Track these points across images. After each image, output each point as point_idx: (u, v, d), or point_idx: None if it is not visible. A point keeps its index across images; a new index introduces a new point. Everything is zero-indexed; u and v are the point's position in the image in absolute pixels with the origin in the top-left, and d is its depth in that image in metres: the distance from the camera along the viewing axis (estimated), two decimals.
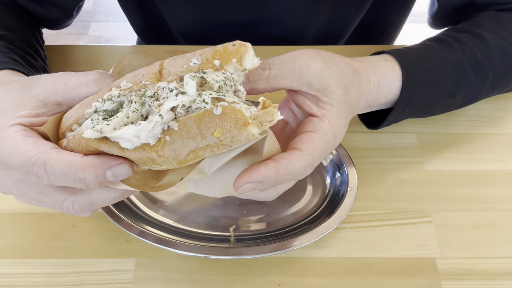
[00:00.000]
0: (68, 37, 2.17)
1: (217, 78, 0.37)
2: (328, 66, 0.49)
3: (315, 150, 0.45)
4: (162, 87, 0.38)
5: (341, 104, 0.48)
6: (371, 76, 0.54)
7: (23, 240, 0.57)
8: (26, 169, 0.39)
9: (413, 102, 0.58)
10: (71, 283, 0.53)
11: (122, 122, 0.37)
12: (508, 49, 0.63)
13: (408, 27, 2.23)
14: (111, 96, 0.38)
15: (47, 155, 0.38)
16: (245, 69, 0.40)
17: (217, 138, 0.36)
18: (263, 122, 0.37)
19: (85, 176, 0.38)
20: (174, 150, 0.37)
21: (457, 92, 0.61)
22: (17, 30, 0.64)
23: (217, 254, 0.53)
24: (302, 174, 0.44)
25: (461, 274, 0.55)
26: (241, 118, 0.36)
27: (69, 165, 0.38)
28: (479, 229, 0.58)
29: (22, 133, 0.40)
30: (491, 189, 0.62)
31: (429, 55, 0.59)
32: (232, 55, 0.39)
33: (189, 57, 0.39)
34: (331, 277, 0.55)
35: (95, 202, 0.42)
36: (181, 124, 0.36)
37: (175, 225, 0.57)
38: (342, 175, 0.60)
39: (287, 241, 0.54)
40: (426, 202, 0.61)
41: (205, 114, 0.36)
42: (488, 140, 0.67)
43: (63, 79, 0.43)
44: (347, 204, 0.57)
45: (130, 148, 0.37)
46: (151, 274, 0.54)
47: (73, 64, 0.75)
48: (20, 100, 0.42)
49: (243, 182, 0.40)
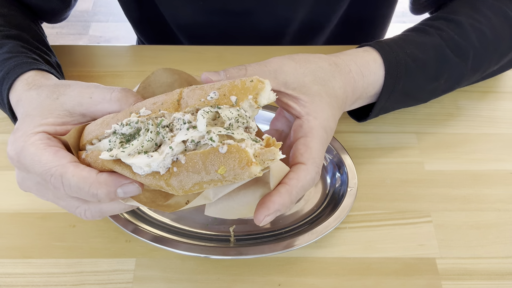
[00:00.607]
0: (68, 37, 2.17)
1: (230, 115, 0.39)
2: (301, 65, 0.50)
3: (315, 156, 0.46)
4: (177, 118, 0.39)
5: (321, 97, 0.49)
6: (351, 66, 0.54)
7: (23, 240, 0.57)
8: (44, 179, 0.42)
9: (398, 88, 0.58)
10: (71, 283, 0.53)
11: (137, 150, 0.39)
12: (484, 29, 0.63)
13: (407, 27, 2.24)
14: (129, 122, 0.40)
15: (64, 168, 0.41)
16: (259, 106, 0.41)
17: (221, 175, 0.38)
18: (265, 160, 0.39)
19: (98, 192, 0.41)
20: (180, 181, 0.39)
21: (440, 75, 0.62)
22: (27, 27, 0.65)
23: (217, 254, 0.53)
24: (312, 184, 0.46)
25: (461, 274, 0.55)
26: (244, 158, 0.37)
27: (83, 181, 0.40)
28: (479, 229, 0.59)
29: (45, 142, 0.43)
30: (491, 189, 0.62)
31: (407, 42, 0.60)
32: (249, 91, 0.40)
33: (207, 89, 0.40)
34: (331, 277, 0.55)
35: (106, 211, 0.45)
36: (188, 158, 0.38)
37: (175, 224, 0.57)
38: (342, 175, 0.60)
39: (287, 241, 0.54)
40: (426, 202, 0.61)
41: (211, 151, 0.37)
42: (488, 140, 0.67)
43: (89, 92, 0.45)
44: (347, 204, 0.57)
45: (141, 174, 0.40)
46: (151, 274, 0.54)
47: (73, 64, 0.75)
48: (48, 107, 0.45)
49: (263, 217, 0.42)
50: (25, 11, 0.69)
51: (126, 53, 0.78)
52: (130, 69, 0.75)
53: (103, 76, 0.74)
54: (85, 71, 0.75)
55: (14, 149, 0.43)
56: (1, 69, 0.54)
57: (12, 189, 0.61)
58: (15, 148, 0.43)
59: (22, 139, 0.43)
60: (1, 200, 0.60)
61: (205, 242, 0.55)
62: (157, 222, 0.57)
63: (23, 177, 0.46)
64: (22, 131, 0.44)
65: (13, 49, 0.57)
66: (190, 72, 0.74)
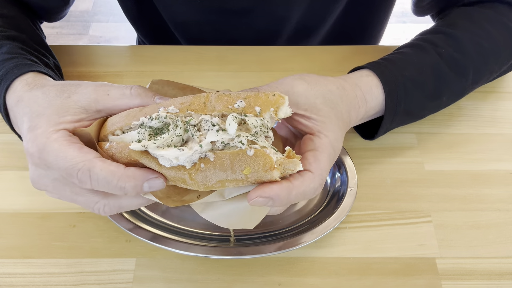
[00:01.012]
0: (68, 37, 2.17)
1: (256, 123, 0.42)
2: (312, 86, 0.51)
3: (322, 169, 0.46)
4: (205, 119, 0.42)
5: (331, 119, 0.50)
6: (357, 91, 0.56)
7: (23, 240, 0.57)
8: (70, 173, 0.43)
9: (399, 111, 0.60)
10: (71, 283, 0.54)
11: (166, 143, 0.41)
12: (482, 42, 0.64)
13: (408, 27, 2.24)
14: (158, 116, 0.43)
15: (92, 163, 0.42)
16: (278, 118, 0.44)
17: (245, 175, 0.41)
18: (286, 170, 0.42)
19: (126, 185, 0.42)
20: (205, 177, 0.42)
21: (441, 93, 0.63)
22: (27, 29, 0.65)
23: (217, 254, 0.53)
24: (313, 193, 0.46)
25: (461, 274, 0.55)
26: (268, 162, 0.41)
27: (112, 174, 0.42)
28: (479, 229, 0.59)
29: (67, 139, 0.44)
30: (491, 189, 0.62)
31: (405, 63, 0.61)
32: (271, 104, 0.43)
33: (234, 97, 0.43)
34: (331, 277, 0.55)
35: (124, 206, 0.46)
36: (217, 156, 0.41)
37: (175, 224, 0.57)
38: (342, 175, 0.60)
39: (287, 241, 0.54)
40: (426, 202, 0.61)
41: (239, 152, 0.41)
42: (488, 140, 0.67)
43: (105, 89, 0.47)
44: (347, 204, 0.57)
45: (166, 166, 0.42)
46: (151, 274, 0.55)
47: (73, 64, 0.75)
48: (62, 105, 0.46)
49: (255, 196, 0.43)
50: (25, 11, 0.69)
51: (126, 53, 0.78)
52: (130, 69, 0.75)
53: (103, 76, 0.74)
54: (85, 71, 0.75)
55: (36, 146, 0.44)
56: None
57: (12, 189, 0.61)
58: (37, 145, 0.44)
59: (44, 135, 0.44)
60: (1, 200, 0.60)
61: (205, 242, 0.55)
62: (157, 222, 0.57)
63: (40, 174, 0.46)
64: (41, 128, 0.45)
65: (12, 50, 0.57)
66: (190, 72, 0.75)
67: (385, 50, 0.79)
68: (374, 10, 0.91)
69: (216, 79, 0.74)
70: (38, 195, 0.60)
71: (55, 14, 0.75)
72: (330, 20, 0.87)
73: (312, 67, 0.76)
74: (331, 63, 0.77)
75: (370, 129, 0.64)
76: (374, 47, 0.81)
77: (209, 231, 0.57)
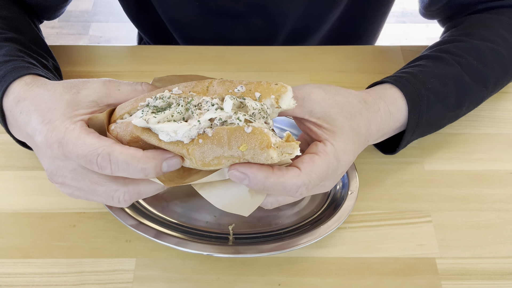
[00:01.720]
0: (68, 37, 2.17)
1: (255, 106, 0.43)
2: (330, 96, 0.51)
3: (313, 171, 0.46)
4: (206, 100, 0.44)
5: (344, 130, 0.49)
6: (380, 105, 0.55)
7: (23, 240, 0.57)
8: (90, 159, 0.44)
9: (421, 123, 0.59)
10: (71, 283, 0.54)
11: (166, 119, 0.43)
12: (502, 51, 0.64)
13: (408, 27, 2.24)
14: (162, 96, 0.45)
15: (111, 147, 0.43)
16: (279, 106, 0.45)
17: (241, 152, 0.42)
18: (284, 152, 0.43)
19: (147, 166, 0.43)
20: (202, 153, 0.42)
21: (462, 104, 0.63)
22: (26, 30, 0.65)
23: (217, 252, 0.53)
24: (295, 191, 0.45)
25: (461, 274, 0.55)
26: (265, 141, 0.41)
27: (132, 156, 0.43)
28: (479, 229, 0.59)
29: (85, 129, 0.46)
30: (490, 189, 0.62)
31: (427, 76, 0.60)
32: (272, 92, 0.44)
33: (236, 83, 0.45)
34: (331, 277, 0.55)
35: (143, 192, 0.47)
36: (216, 132, 0.42)
37: (175, 221, 0.57)
38: (343, 178, 0.60)
39: (287, 241, 0.54)
40: (426, 202, 0.61)
41: (237, 129, 0.41)
42: (488, 140, 0.67)
43: (115, 85, 0.49)
44: (347, 207, 0.57)
45: (166, 141, 0.43)
46: (151, 274, 0.55)
47: (73, 64, 0.75)
48: (72, 100, 0.48)
49: (233, 168, 0.43)
50: (25, 10, 0.69)
51: (126, 53, 0.78)
52: (130, 69, 0.75)
53: (103, 76, 0.74)
54: (85, 71, 0.75)
55: (56, 136, 0.45)
56: None
57: (12, 189, 0.61)
58: (56, 135, 0.45)
59: (63, 126, 0.45)
60: (1, 200, 0.60)
61: (205, 241, 0.55)
62: (158, 218, 0.57)
63: (58, 166, 0.47)
64: (58, 120, 0.46)
65: (10, 53, 0.57)
66: (190, 72, 0.75)
67: (385, 50, 0.79)
68: (370, 15, 0.91)
69: None
70: (38, 195, 0.60)
71: (54, 11, 0.75)
72: (325, 26, 0.87)
73: (312, 67, 0.76)
74: (331, 63, 0.77)
75: (388, 142, 0.63)
76: (374, 47, 0.81)
77: (208, 229, 0.57)
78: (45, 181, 0.61)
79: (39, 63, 0.60)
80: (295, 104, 0.46)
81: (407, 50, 0.79)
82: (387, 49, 0.80)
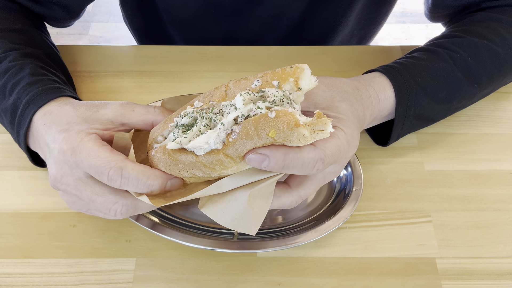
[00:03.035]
0: (68, 37, 2.17)
1: (276, 93, 0.43)
2: (329, 88, 0.53)
3: (327, 147, 0.46)
4: (225, 105, 0.44)
5: (348, 116, 0.51)
6: (370, 91, 0.57)
7: (23, 240, 0.57)
8: (101, 171, 0.46)
9: (409, 115, 0.60)
10: (71, 283, 0.54)
11: (195, 135, 0.44)
12: (498, 50, 0.64)
13: (408, 27, 2.24)
14: (187, 113, 0.46)
15: (124, 162, 0.46)
16: (300, 88, 0.44)
17: (272, 138, 0.41)
18: (316, 130, 0.42)
19: (154, 183, 0.46)
20: (236, 150, 0.42)
21: (452, 99, 0.63)
22: (41, 43, 0.66)
23: (221, 248, 0.53)
24: (313, 166, 0.45)
25: (461, 274, 0.55)
26: (292, 120, 0.40)
27: (143, 173, 0.46)
28: (479, 229, 0.59)
29: (99, 142, 0.48)
30: (490, 189, 0.62)
31: (419, 68, 0.61)
32: (289, 75, 0.44)
33: (251, 79, 0.45)
34: (331, 277, 0.55)
35: (139, 207, 0.49)
36: (242, 126, 0.42)
37: (179, 216, 0.58)
38: (348, 174, 0.60)
39: (290, 238, 0.54)
40: (425, 202, 0.61)
41: (261, 117, 0.41)
42: (488, 140, 0.67)
43: (131, 107, 0.52)
44: (351, 204, 0.57)
45: (202, 154, 0.44)
46: (151, 274, 0.55)
47: (73, 64, 0.75)
48: (91, 117, 0.51)
49: (252, 151, 0.43)
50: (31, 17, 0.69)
51: (126, 53, 0.78)
52: (130, 69, 0.75)
53: (103, 76, 0.74)
54: (85, 71, 0.75)
55: (70, 144, 0.48)
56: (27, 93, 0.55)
57: (12, 189, 0.61)
58: (71, 143, 0.48)
59: (79, 136, 0.48)
60: (1, 200, 0.60)
61: (209, 235, 0.55)
62: (161, 213, 0.57)
63: (65, 172, 0.48)
64: (75, 130, 0.49)
65: (34, 71, 0.58)
66: (190, 72, 0.75)
67: (385, 50, 0.79)
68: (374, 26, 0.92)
69: (216, 79, 0.74)
70: (38, 195, 0.60)
71: (59, 23, 0.75)
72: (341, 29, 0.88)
73: (312, 67, 0.76)
74: (331, 63, 0.77)
75: (383, 135, 0.65)
76: (374, 47, 0.81)
77: (212, 225, 0.57)
78: (45, 181, 0.61)
79: (59, 79, 0.61)
80: (317, 80, 0.45)
81: (407, 50, 0.79)
82: (387, 49, 0.80)
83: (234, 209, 0.47)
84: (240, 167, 0.45)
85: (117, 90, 0.72)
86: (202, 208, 0.47)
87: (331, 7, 0.83)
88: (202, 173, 0.46)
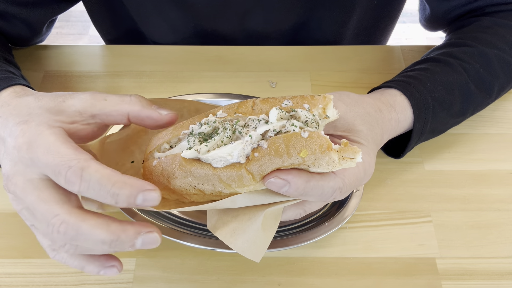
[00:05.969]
0: (68, 37, 2.17)
1: (307, 115, 0.42)
2: (351, 108, 0.51)
3: (346, 177, 0.45)
4: (252, 119, 0.43)
5: (368, 141, 0.51)
6: (392, 114, 0.57)
7: (23, 240, 0.57)
8: (58, 170, 0.39)
9: (425, 131, 0.60)
10: (71, 283, 0.54)
11: (216, 145, 0.42)
12: (509, 60, 0.64)
13: (408, 27, 2.24)
14: (208, 121, 0.43)
15: (87, 162, 0.39)
16: (327, 116, 0.44)
17: (302, 158, 0.40)
18: (345, 157, 0.41)
19: (120, 192, 0.38)
20: (260, 166, 0.41)
21: (466, 111, 0.64)
22: None
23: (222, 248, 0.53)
24: (331, 194, 0.44)
25: (461, 274, 0.55)
26: (325, 143, 0.40)
27: (107, 178, 0.38)
28: (479, 229, 0.59)
29: (64, 137, 0.41)
30: (491, 189, 0.62)
31: (434, 83, 0.60)
32: (319, 102, 0.44)
33: (280, 99, 0.44)
34: (331, 277, 0.55)
35: (82, 233, 0.39)
36: (271, 142, 0.40)
37: (179, 215, 0.58)
38: None
39: (289, 238, 0.54)
40: (426, 202, 0.61)
41: (294, 135, 0.40)
42: (488, 140, 0.67)
43: (102, 96, 0.46)
44: (352, 205, 0.57)
45: (221, 167, 0.41)
46: (151, 274, 0.55)
47: (73, 64, 0.75)
48: (56, 107, 0.45)
49: (273, 176, 0.41)
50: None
51: (126, 53, 0.78)
52: (130, 69, 0.75)
53: (103, 76, 0.74)
54: (85, 71, 0.75)
55: (27, 137, 0.41)
56: None
57: None
58: (29, 137, 0.41)
59: (38, 128, 0.42)
60: (1, 200, 0.60)
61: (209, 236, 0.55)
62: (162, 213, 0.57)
63: (17, 171, 0.42)
64: (35, 122, 0.42)
65: None
66: (190, 72, 0.75)
67: (385, 50, 0.79)
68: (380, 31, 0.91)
69: (216, 79, 0.74)
70: None
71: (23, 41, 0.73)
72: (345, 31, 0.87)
73: (312, 67, 0.76)
74: (331, 63, 0.77)
75: (392, 146, 0.64)
76: (374, 47, 0.81)
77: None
78: None
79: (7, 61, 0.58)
80: (338, 114, 0.45)
81: (407, 50, 0.79)
82: (387, 49, 0.80)
83: (247, 229, 0.45)
84: (256, 187, 0.43)
85: (117, 90, 0.72)
86: (213, 228, 0.46)
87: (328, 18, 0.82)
88: (212, 189, 0.43)
